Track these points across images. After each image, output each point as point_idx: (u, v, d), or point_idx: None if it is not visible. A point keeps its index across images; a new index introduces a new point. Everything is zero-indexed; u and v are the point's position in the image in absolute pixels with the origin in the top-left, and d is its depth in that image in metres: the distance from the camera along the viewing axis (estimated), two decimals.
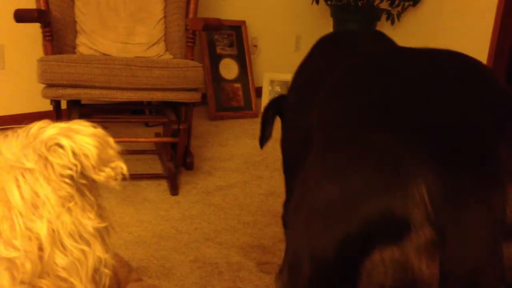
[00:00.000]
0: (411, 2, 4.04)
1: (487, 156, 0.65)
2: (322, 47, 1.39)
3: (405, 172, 0.63)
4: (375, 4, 4.03)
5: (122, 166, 0.79)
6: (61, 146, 0.73)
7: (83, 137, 0.75)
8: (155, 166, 2.75)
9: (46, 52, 2.40)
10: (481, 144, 0.66)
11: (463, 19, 3.93)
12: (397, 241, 0.62)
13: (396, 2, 4.05)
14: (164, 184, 2.52)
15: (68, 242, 0.71)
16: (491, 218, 0.61)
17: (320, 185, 0.72)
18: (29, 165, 0.70)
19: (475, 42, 3.88)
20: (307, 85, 1.21)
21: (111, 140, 0.80)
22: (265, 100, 4.00)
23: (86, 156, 0.74)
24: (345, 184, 0.68)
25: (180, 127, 2.43)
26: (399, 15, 4.10)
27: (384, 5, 4.11)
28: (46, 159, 0.72)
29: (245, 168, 2.81)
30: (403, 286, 0.60)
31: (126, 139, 2.59)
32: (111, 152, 0.79)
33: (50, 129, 0.76)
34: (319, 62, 1.27)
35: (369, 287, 0.61)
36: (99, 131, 0.79)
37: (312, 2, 4.23)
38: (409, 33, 4.24)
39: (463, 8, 3.91)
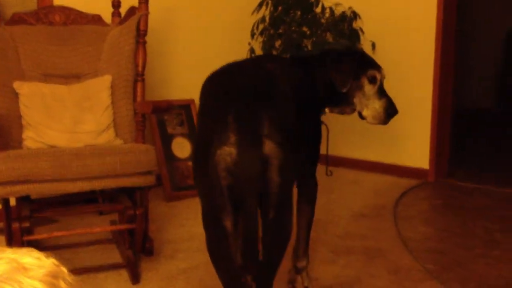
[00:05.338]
0: None
1: (253, 104, 1.62)
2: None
3: (226, 120, 1.56)
4: None
5: None
6: None
7: (32, 282, 0.70)
8: (113, 255, 2.64)
9: None
10: (252, 101, 1.64)
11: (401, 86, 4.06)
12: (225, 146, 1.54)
13: None
14: (124, 274, 2.41)
15: None
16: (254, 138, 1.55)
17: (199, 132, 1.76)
18: None
19: (417, 106, 4.00)
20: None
21: (64, 271, 0.75)
22: None
23: None
24: (205, 128, 1.67)
25: (136, 212, 2.36)
26: None
27: None
28: None
29: None
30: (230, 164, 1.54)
31: (80, 230, 2.50)
32: (65, 287, 0.75)
33: None
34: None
35: (218, 165, 1.55)
36: (51, 265, 0.74)
37: None
38: None
39: (400, 79, 4.02)
